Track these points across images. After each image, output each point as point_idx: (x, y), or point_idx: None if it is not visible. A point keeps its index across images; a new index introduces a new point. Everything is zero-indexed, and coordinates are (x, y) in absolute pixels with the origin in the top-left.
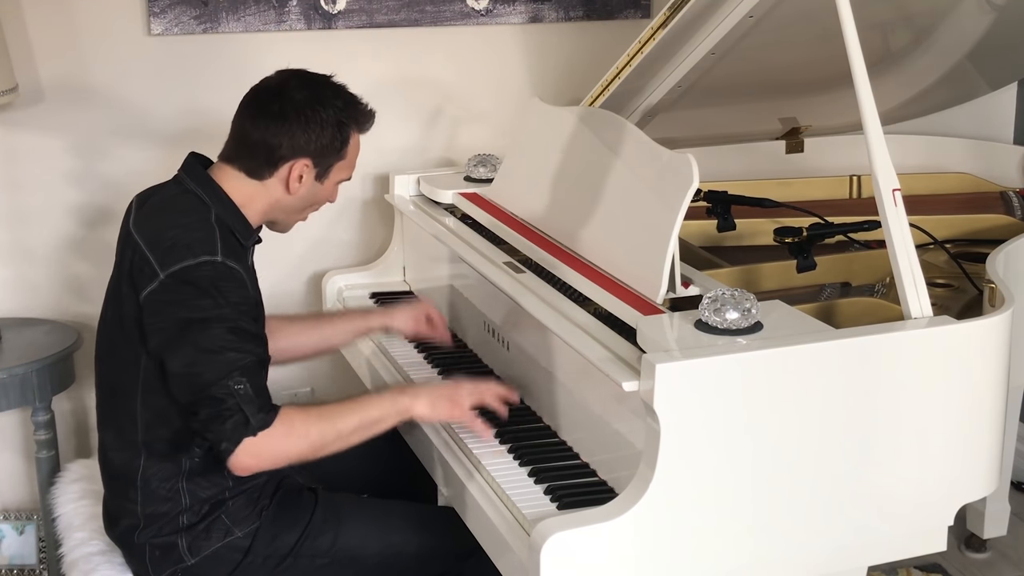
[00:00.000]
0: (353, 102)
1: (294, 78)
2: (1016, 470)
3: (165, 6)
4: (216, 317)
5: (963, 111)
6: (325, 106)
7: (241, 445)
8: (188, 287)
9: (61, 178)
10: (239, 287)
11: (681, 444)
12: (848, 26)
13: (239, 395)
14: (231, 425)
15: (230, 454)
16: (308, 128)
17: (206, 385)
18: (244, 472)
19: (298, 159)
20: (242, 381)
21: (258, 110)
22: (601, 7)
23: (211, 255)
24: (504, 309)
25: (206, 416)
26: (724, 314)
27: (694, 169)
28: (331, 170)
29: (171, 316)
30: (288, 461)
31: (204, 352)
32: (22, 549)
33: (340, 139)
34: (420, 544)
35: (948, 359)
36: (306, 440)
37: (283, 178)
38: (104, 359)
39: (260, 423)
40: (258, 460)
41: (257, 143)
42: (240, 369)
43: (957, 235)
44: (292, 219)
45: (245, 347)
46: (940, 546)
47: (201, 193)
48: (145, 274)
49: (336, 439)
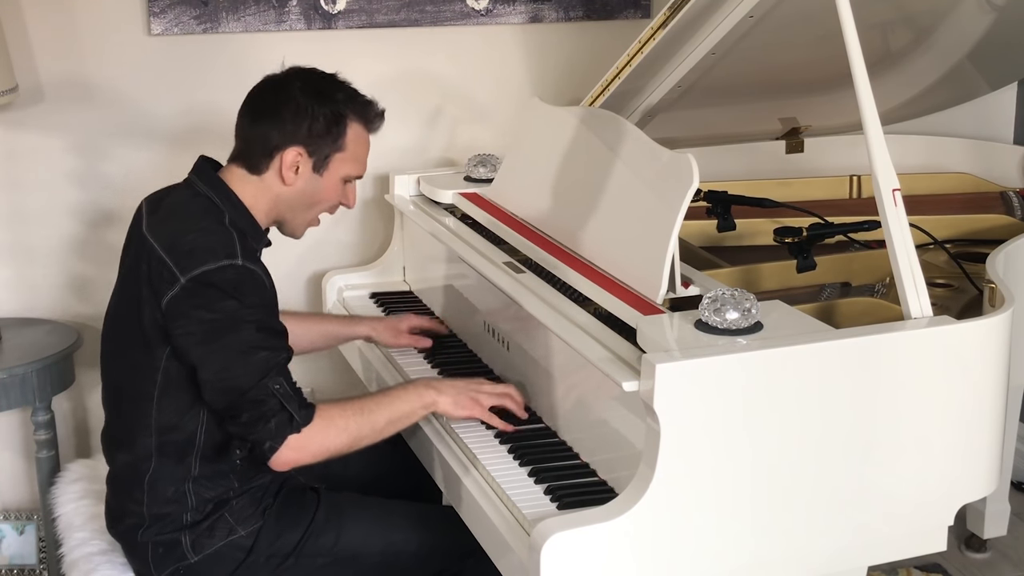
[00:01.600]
0: (354, 95)
1: (296, 74)
2: (1016, 470)
3: (165, 6)
4: (243, 318)
5: (963, 111)
6: (322, 97)
7: (285, 442)
8: (212, 290)
9: (61, 178)
10: (260, 288)
11: (681, 444)
12: (848, 26)
13: (280, 395)
14: (275, 424)
15: (274, 452)
16: (299, 116)
17: (244, 389)
18: (286, 467)
19: (290, 147)
20: (279, 380)
21: (254, 104)
22: (601, 7)
23: (232, 258)
24: (504, 309)
25: (248, 419)
26: (724, 314)
27: (694, 169)
28: (329, 161)
29: (197, 320)
30: (328, 455)
31: (237, 354)
32: (22, 549)
33: (336, 129)
34: (421, 543)
35: (948, 359)
36: (346, 433)
37: (277, 169)
38: (114, 360)
39: (304, 419)
40: (300, 454)
41: (254, 136)
42: (275, 368)
43: (957, 235)
44: (299, 219)
45: (275, 344)
46: (940, 546)
47: (214, 196)
48: (165, 279)
49: (371, 433)
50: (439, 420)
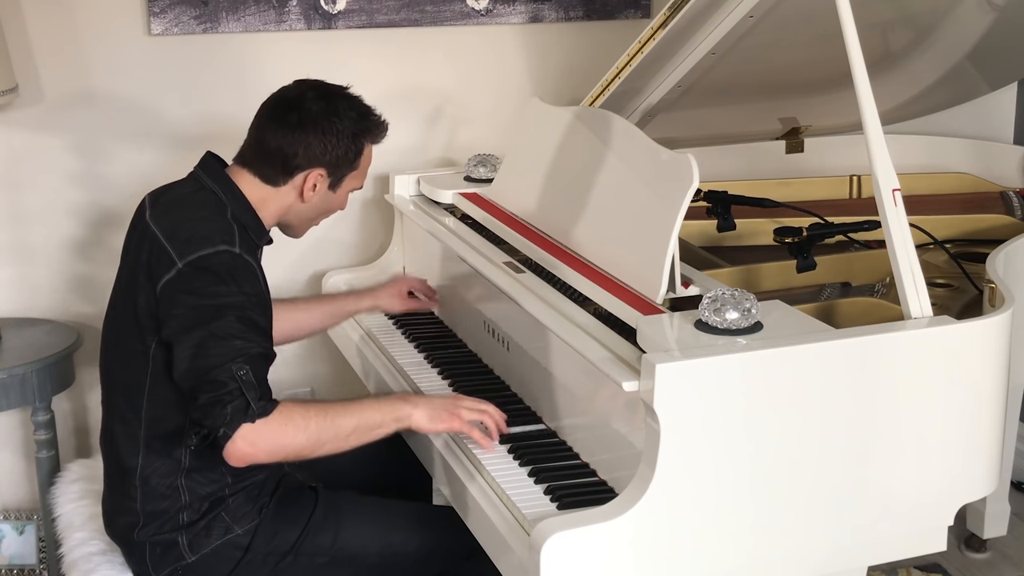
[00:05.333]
0: (367, 114)
1: (312, 89)
2: (1016, 470)
3: (165, 6)
4: (229, 304)
5: (963, 111)
6: (341, 118)
7: (239, 431)
8: (206, 274)
9: (61, 178)
10: (253, 280)
11: (681, 444)
12: (848, 26)
13: (241, 380)
14: (230, 410)
15: (228, 440)
16: (325, 139)
17: (209, 368)
18: (240, 462)
19: (313, 169)
20: (245, 368)
21: (276, 120)
22: (601, 7)
23: (230, 245)
24: (504, 309)
25: (206, 400)
26: (724, 314)
27: (694, 169)
28: (344, 180)
29: (186, 303)
30: (285, 454)
31: (212, 337)
32: (22, 549)
33: (354, 151)
34: (420, 543)
35: (948, 359)
36: (304, 433)
37: (297, 186)
38: (110, 352)
39: (260, 410)
40: (254, 449)
41: (274, 152)
42: (245, 357)
43: (957, 235)
44: (305, 225)
45: (252, 337)
46: (940, 546)
47: (218, 190)
48: (163, 263)
49: (334, 438)
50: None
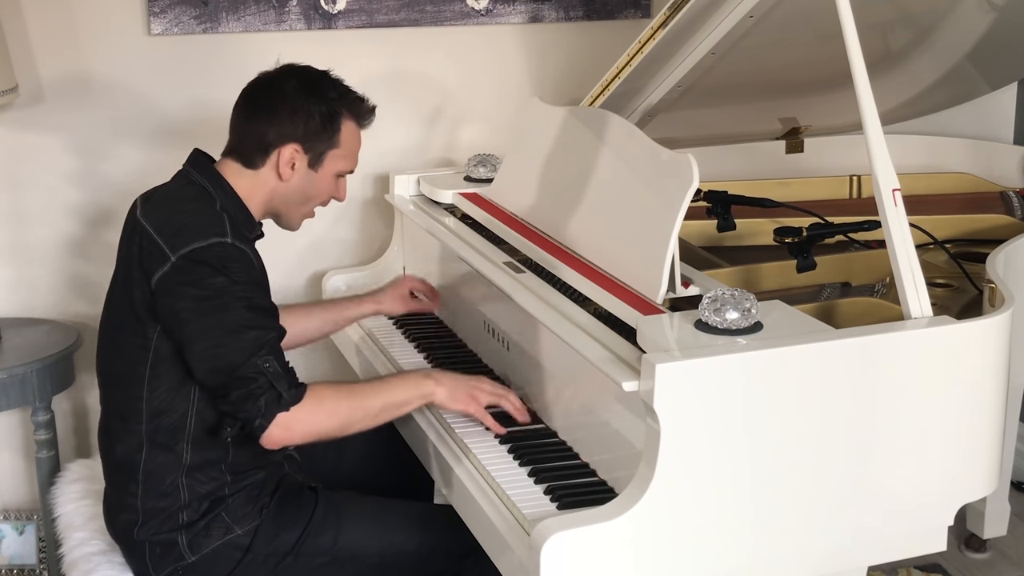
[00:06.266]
0: (347, 92)
1: (290, 71)
2: (1016, 470)
3: (165, 6)
4: (232, 295)
5: (963, 111)
6: (316, 94)
7: (274, 420)
8: (201, 267)
9: (61, 178)
10: (249, 266)
11: (681, 444)
12: (848, 26)
13: (269, 373)
14: (264, 402)
15: (264, 430)
16: (295, 114)
17: (234, 367)
18: (276, 446)
19: (286, 144)
20: (269, 359)
21: (250, 101)
22: (601, 7)
23: (221, 236)
24: (504, 309)
25: (237, 397)
26: (724, 314)
27: (694, 169)
28: (324, 158)
29: (186, 297)
30: (318, 435)
31: (227, 333)
32: (22, 549)
33: (331, 126)
34: (420, 543)
35: (948, 359)
36: (336, 416)
37: (274, 164)
38: (108, 348)
39: (293, 398)
40: (290, 433)
41: (249, 132)
42: (266, 346)
43: (957, 235)
44: (295, 212)
45: (264, 323)
46: (940, 546)
47: (207, 185)
48: (155, 257)
49: (364, 417)
50: (434, 413)
